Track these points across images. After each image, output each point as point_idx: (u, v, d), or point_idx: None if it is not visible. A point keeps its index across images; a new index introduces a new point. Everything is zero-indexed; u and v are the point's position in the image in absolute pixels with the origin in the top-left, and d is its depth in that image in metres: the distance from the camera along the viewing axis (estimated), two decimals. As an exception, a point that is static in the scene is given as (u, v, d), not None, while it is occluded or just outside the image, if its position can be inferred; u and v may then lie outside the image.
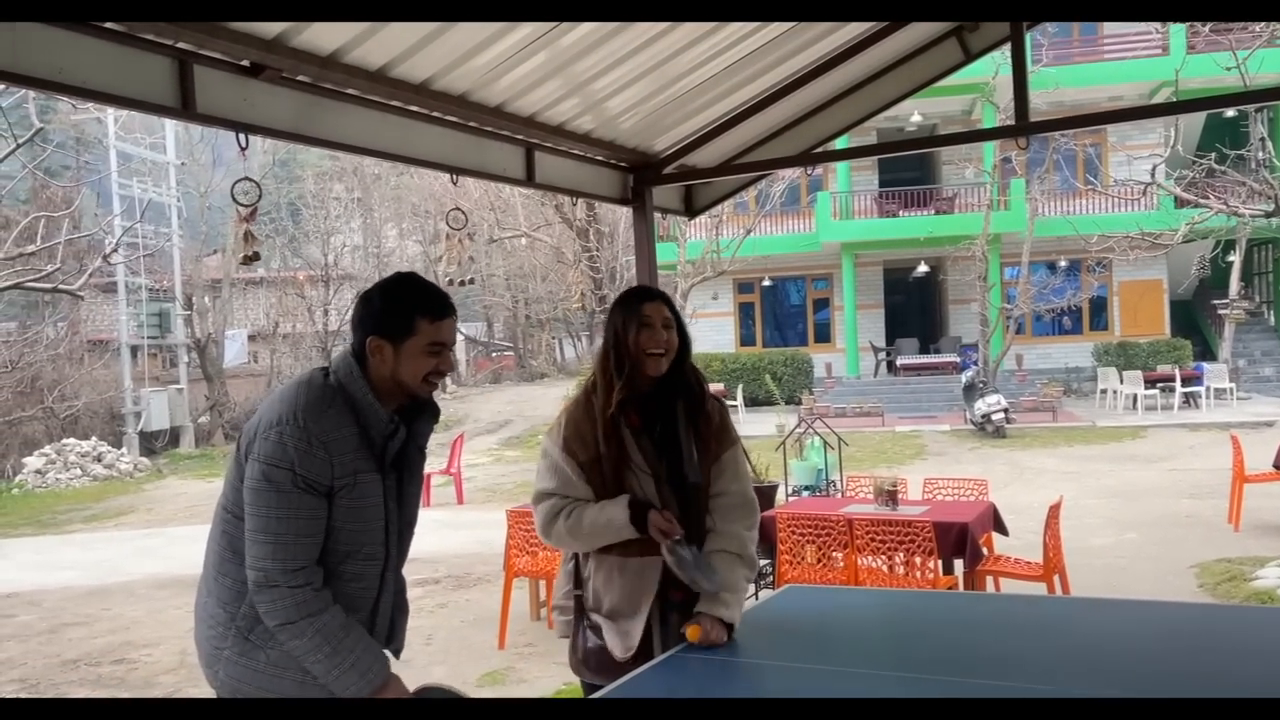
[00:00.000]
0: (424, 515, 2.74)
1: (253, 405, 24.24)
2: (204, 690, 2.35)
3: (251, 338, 31.16)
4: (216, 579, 2.26)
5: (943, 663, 2.21)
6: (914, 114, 22.22)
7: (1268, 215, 6.41)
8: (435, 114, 3.57)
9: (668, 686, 2.16)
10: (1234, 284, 20.95)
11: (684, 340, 2.65)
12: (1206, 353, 23.46)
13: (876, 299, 24.41)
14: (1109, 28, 22.60)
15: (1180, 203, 18.65)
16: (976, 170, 21.39)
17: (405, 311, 2.23)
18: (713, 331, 24.32)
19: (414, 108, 3.47)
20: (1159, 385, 19.25)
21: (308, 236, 32.84)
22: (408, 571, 2.50)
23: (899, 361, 22.38)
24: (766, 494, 6.56)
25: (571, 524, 2.52)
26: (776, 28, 3.90)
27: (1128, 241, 17.30)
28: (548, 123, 3.98)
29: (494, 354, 38.10)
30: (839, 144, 5.58)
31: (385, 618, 2.37)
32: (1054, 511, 5.64)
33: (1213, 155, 7.26)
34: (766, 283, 24.47)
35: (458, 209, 3.61)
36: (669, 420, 2.60)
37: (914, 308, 25.98)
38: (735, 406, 19.30)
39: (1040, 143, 21.63)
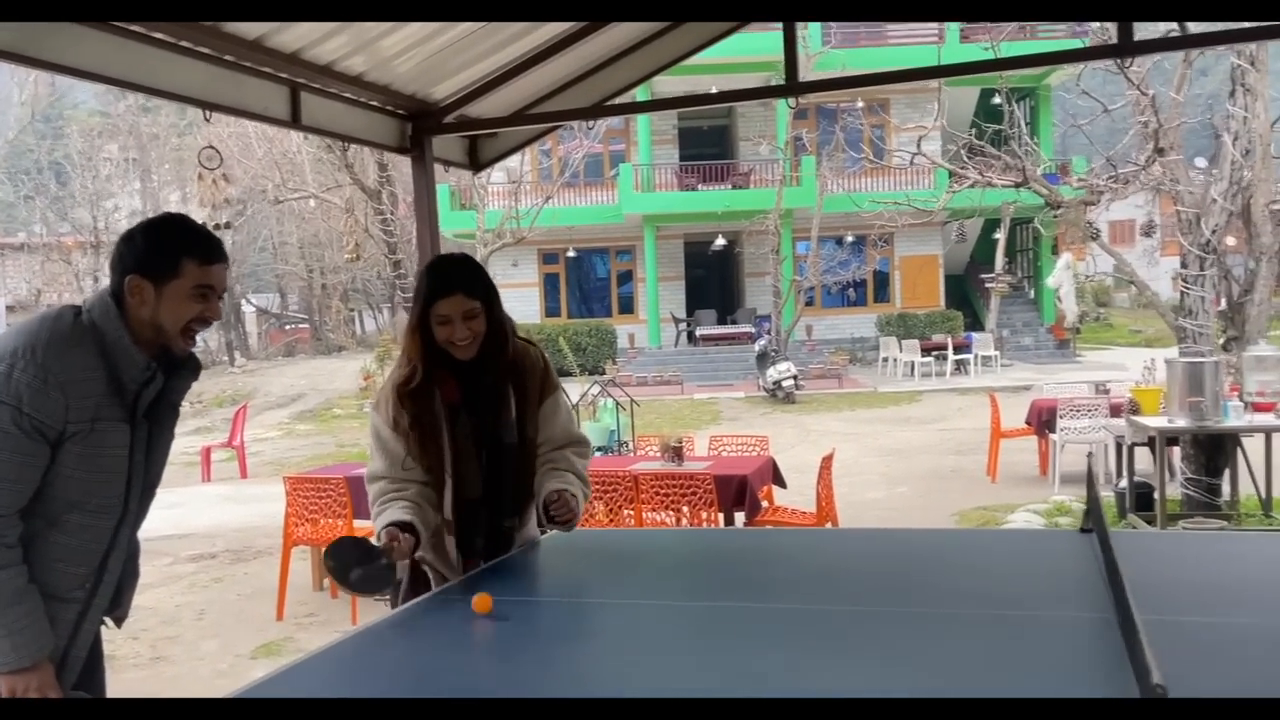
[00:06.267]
0: (203, 490, 2.56)
1: None
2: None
3: (10, 309, 28.47)
4: None
5: (717, 588, 2.30)
6: (711, 88, 22.72)
7: (1016, 186, 6.98)
8: (184, 43, 3.31)
9: (414, 632, 2.10)
10: (999, 259, 22.73)
11: (496, 324, 2.50)
12: (976, 324, 25.35)
13: (678, 271, 24.96)
14: (892, 15, 23.85)
15: (951, 177, 20.05)
16: (770, 147, 22.16)
17: (171, 251, 2.09)
18: (517, 302, 24.15)
19: (158, 35, 3.21)
20: (934, 353, 20.66)
21: (75, 199, 30.29)
22: (180, 546, 2.33)
23: (698, 332, 23.01)
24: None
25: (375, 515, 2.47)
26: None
27: (900, 217, 18.40)
28: (314, 61, 3.78)
29: (287, 326, 36.43)
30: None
31: (113, 576, 2.20)
32: (826, 463, 5.93)
33: (973, 131, 7.88)
34: (571, 254, 24.53)
35: (210, 147, 3.39)
36: (489, 386, 2.52)
37: (713, 280, 26.73)
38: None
39: (829, 121, 22.63)
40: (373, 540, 2.31)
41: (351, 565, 2.19)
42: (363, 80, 4.08)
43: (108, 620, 2.29)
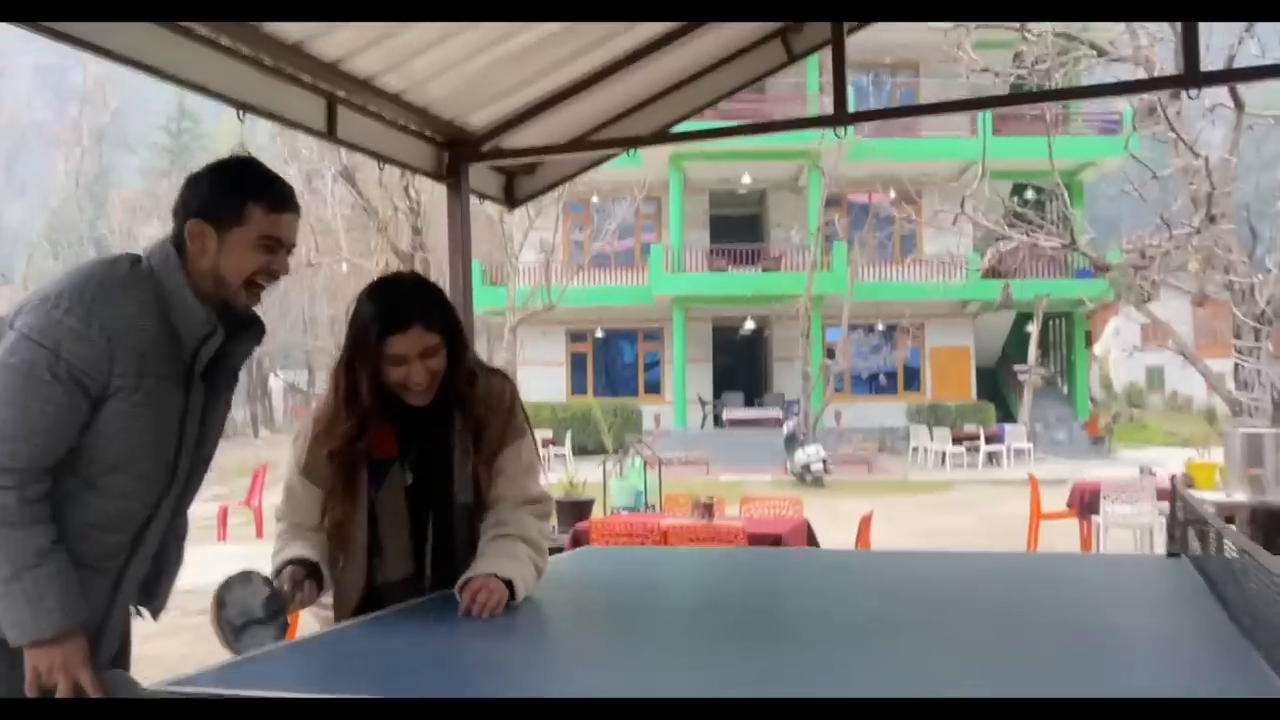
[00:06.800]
0: (218, 549, 2.26)
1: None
2: None
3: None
4: None
5: (795, 597, 2.07)
6: (744, 176, 22.97)
7: (1064, 247, 6.84)
8: (224, 40, 3.24)
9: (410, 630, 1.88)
10: (1032, 352, 22.47)
11: (456, 359, 2.02)
12: (1008, 417, 24.94)
13: (705, 354, 24.85)
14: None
15: (987, 273, 19.96)
16: (802, 234, 22.24)
17: (236, 195, 1.91)
18: (545, 380, 24.08)
19: (198, 29, 3.14)
20: (965, 444, 20.26)
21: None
22: (189, 601, 2.04)
23: (725, 415, 22.78)
24: (582, 507, 6.36)
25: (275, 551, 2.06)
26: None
27: (940, 306, 18.31)
28: (352, 73, 3.71)
29: (313, 402, 36.53)
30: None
31: (150, 548, 1.96)
32: (865, 524, 5.66)
33: (1015, 199, 7.80)
34: (599, 334, 24.54)
35: (241, 145, 3.26)
36: (438, 433, 2.04)
37: (741, 364, 26.61)
38: (563, 455, 19.11)
39: (862, 210, 22.76)
40: (275, 583, 1.89)
41: (251, 621, 1.80)
42: (401, 100, 4.01)
43: (142, 611, 2.06)
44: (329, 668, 1.60)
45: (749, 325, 23.51)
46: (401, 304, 1.98)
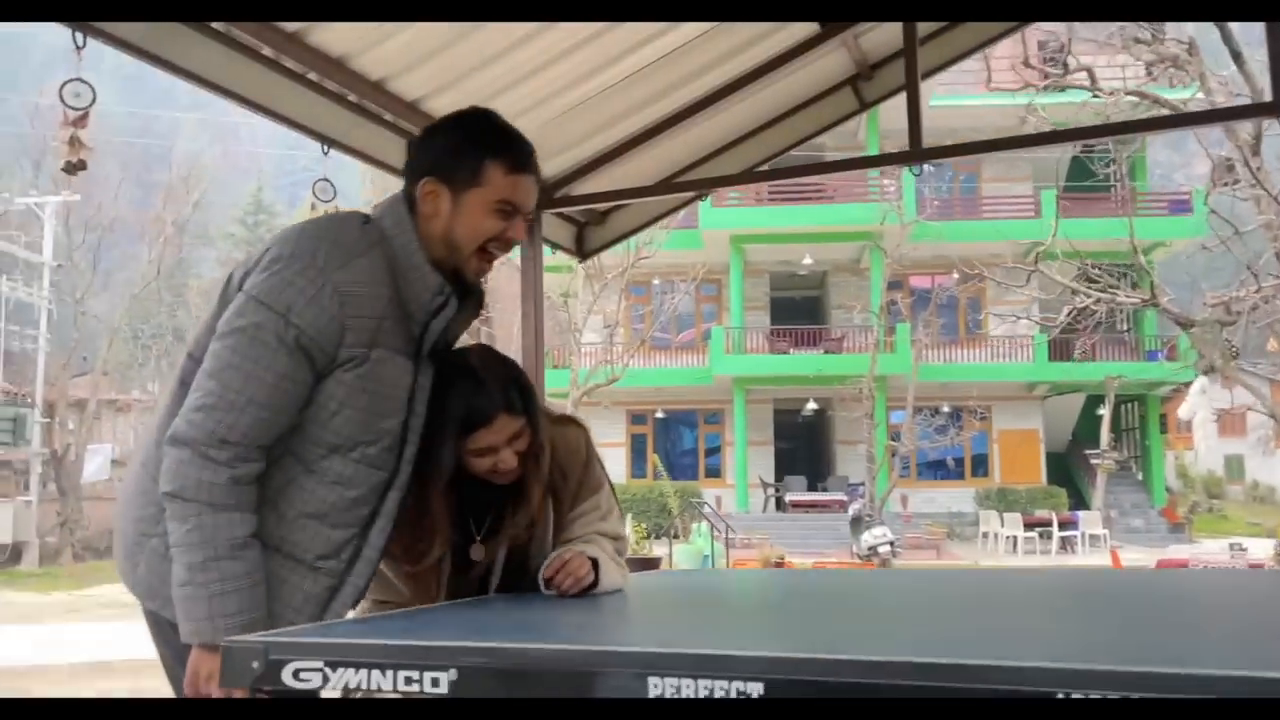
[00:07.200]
0: None
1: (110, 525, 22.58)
2: None
3: (116, 462, 29.35)
4: (159, 445, 1.64)
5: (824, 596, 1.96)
6: (805, 257, 23.04)
7: (1144, 303, 6.68)
8: (311, 75, 3.35)
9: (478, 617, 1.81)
10: (1104, 435, 21.86)
11: (539, 437, 1.88)
12: (1080, 503, 24.17)
13: (766, 436, 24.60)
14: (987, 190, 24.11)
15: (1054, 353, 19.57)
16: (864, 315, 22.13)
17: (474, 152, 1.73)
18: (606, 462, 23.99)
19: (287, 62, 3.25)
20: (1037, 529, 19.63)
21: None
22: None
23: (788, 498, 22.42)
24: (648, 564, 6.22)
25: None
26: (668, 44, 3.85)
27: (1007, 388, 17.93)
28: (431, 114, 3.79)
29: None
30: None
31: (375, 551, 1.74)
32: (945, 584, 5.45)
33: (1089, 262, 7.68)
34: (660, 415, 24.46)
35: (325, 179, 3.33)
36: (505, 501, 1.90)
37: (803, 448, 26.28)
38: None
39: (924, 293, 22.62)
40: None
41: None
42: (478, 144, 4.09)
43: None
44: (409, 630, 1.53)
45: (811, 406, 23.27)
46: (482, 395, 1.79)
